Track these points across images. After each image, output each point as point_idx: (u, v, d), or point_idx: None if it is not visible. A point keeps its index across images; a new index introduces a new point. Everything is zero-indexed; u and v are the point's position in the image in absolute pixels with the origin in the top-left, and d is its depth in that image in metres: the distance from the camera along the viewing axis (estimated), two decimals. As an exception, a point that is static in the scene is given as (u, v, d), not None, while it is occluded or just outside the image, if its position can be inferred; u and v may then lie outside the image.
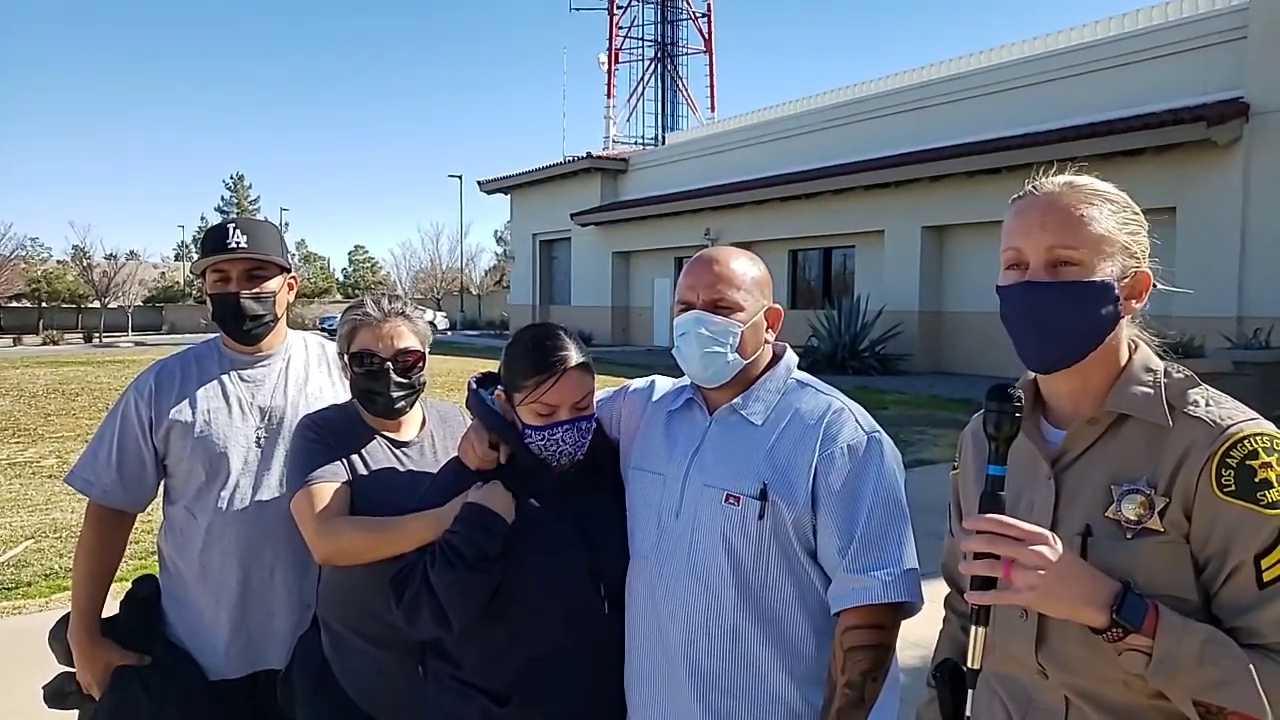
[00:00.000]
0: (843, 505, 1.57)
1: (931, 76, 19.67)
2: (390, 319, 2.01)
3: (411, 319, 2.05)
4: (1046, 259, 1.25)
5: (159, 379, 2.20)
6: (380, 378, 1.98)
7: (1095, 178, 1.31)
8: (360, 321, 2.01)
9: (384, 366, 1.98)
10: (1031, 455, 1.33)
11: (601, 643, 1.74)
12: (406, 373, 2.01)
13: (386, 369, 1.98)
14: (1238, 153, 13.55)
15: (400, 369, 1.99)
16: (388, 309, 2.03)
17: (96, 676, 2.11)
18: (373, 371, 1.98)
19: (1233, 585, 1.16)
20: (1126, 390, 1.27)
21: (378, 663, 1.95)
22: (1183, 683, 1.12)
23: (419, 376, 2.05)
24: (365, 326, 2.00)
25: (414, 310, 2.08)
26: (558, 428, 1.73)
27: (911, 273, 18.61)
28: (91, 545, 2.18)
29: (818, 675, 1.60)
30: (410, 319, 2.04)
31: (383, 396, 1.99)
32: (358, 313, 2.03)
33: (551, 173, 29.94)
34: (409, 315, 2.05)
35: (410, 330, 2.03)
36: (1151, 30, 15.31)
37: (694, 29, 50.56)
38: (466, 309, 45.88)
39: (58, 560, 5.74)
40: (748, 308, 1.67)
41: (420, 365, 2.05)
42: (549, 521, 1.76)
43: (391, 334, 2.00)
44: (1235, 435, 1.17)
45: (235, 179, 68.66)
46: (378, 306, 2.02)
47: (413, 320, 2.05)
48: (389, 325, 2.00)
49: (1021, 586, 1.15)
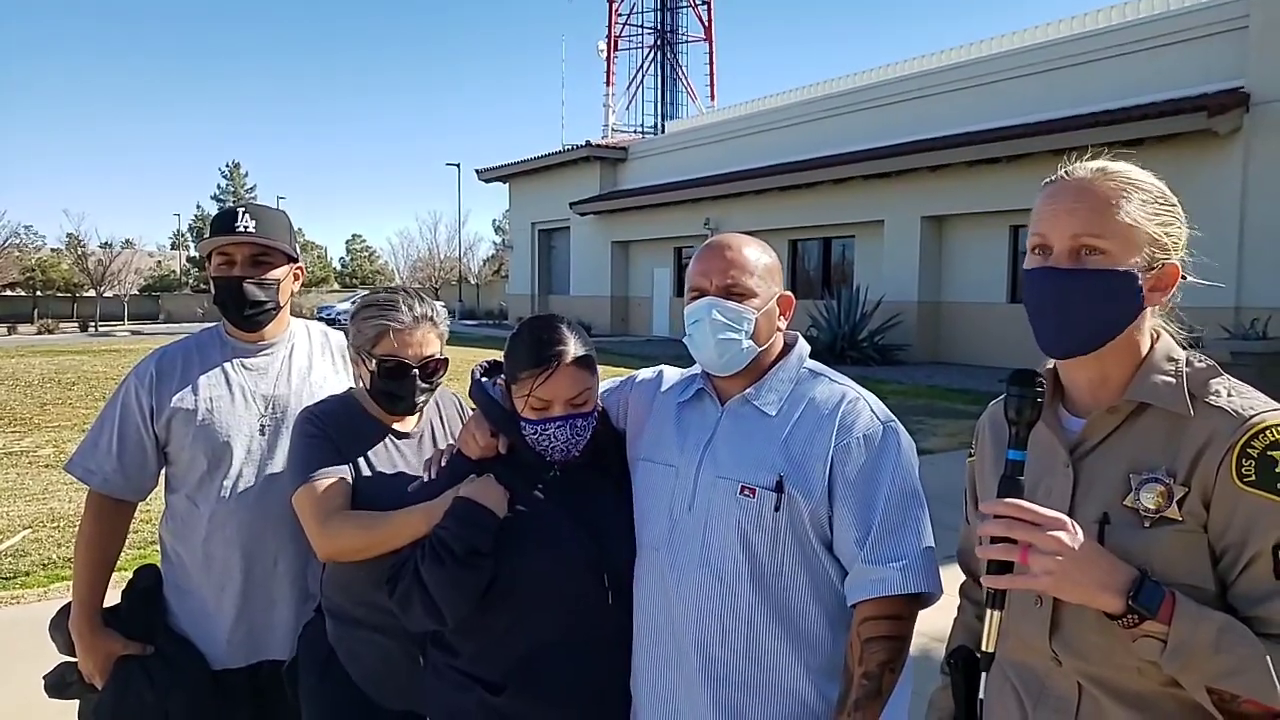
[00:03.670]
0: (860, 496, 1.56)
1: (931, 66, 19.59)
2: (420, 325, 1.98)
3: (437, 324, 2.02)
4: (1071, 246, 1.24)
5: (160, 366, 2.18)
6: (406, 384, 1.96)
7: (1132, 164, 1.30)
8: (390, 325, 1.96)
9: (411, 374, 1.96)
10: (1050, 443, 1.32)
11: (603, 634, 1.73)
12: (430, 377, 2.00)
13: (413, 375, 1.96)
14: (1238, 143, 13.53)
15: (425, 375, 1.98)
16: (419, 314, 1.98)
17: (98, 666, 2.11)
18: (398, 377, 1.95)
19: (1250, 574, 1.15)
20: (1148, 379, 1.26)
21: (383, 650, 1.94)
22: (1197, 670, 1.12)
23: (439, 379, 2.04)
24: (395, 332, 1.96)
25: (437, 312, 2.05)
26: (550, 423, 1.71)
27: (910, 263, 18.58)
28: (92, 534, 2.17)
29: (833, 668, 1.59)
30: (436, 324, 2.02)
31: (405, 401, 1.98)
32: (387, 315, 1.96)
33: (550, 161, 29.82)
34: (435, 320, 2.02)
35: (436, 336, 2.01)
36: (1152, 20, 15.25)
37: (694, 17, 50.41)
38: (464, 298, 45.78)
39: (55, 550, 5.73)
40: (761, 294, 1.65)
41: (443, 370, 2.03)
42: (549, 513, 1.74)
43: (421, 341, 1.97)
44: (1257, 425, 1.17)
45: (232, 167, 68.15)
46: (410, 311, 1.97)
47: (438, 325, 2.02)
48: (420, 332, 1.97)
49: (1038, 571, 1.14)
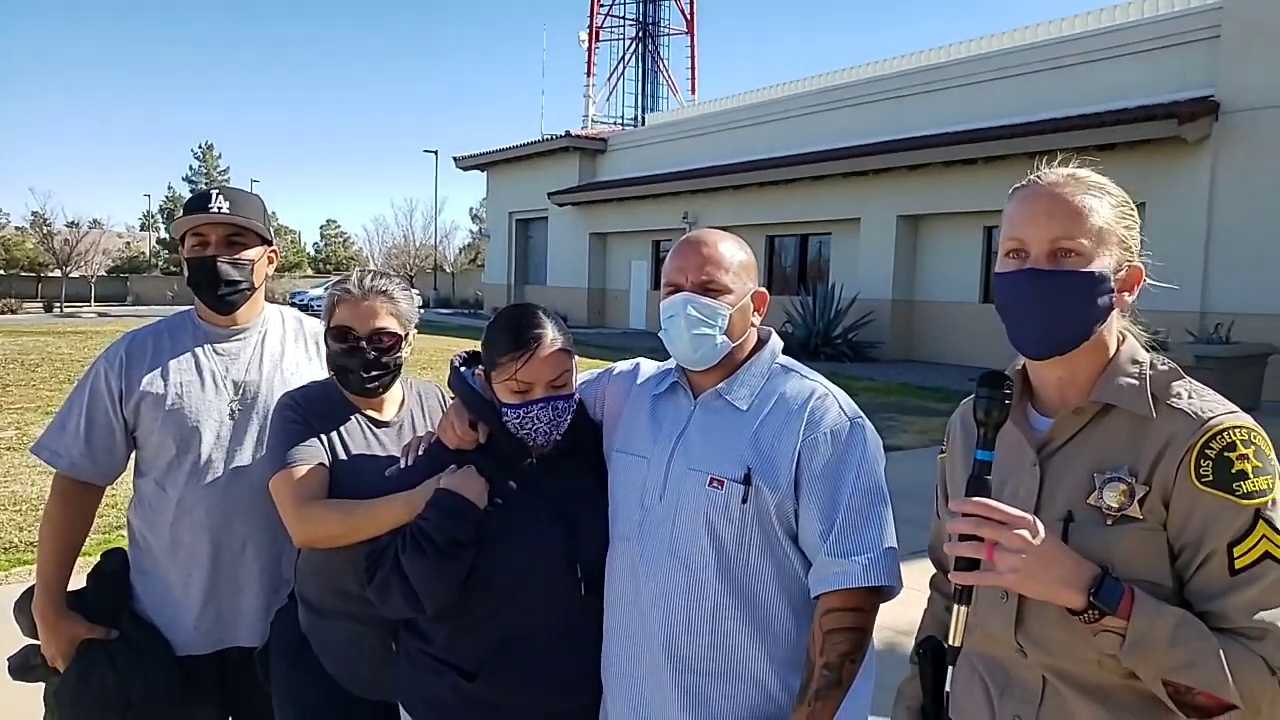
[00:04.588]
0: (825, 490, 1.58)
1: (910, 66, 19.73)
2: (370, 297, 1.97)
3: (394, 299, 2.00)
4: (1049, 248, 1.27)
5: (130, 350, 2.16)
6: (354, 355, 1.95)
7: (1095, 171, 1.34)
8: (340, 296, 1.98)
9: (359, 344, 1.95)
10: (1018, 442, 1.35)
11: (576, 623, 1.75)
12: (381, 354, 1.97)
13: (361, 347, 1.95)
14: (1206, 150, 13.76)
15: (376, 349, 1.96)
16: (369, 286, 1.98)
17: (61, 650, 2.08)
18: (347, 348, 1.95)
19: (1206, 571, 1.19)
20: (1113, 381, 1.29)
21: (355, 638, 1.94)
22: (1154, 663, 1.16)
23: (396, 358, 2.01)
24: (344, 302, 1.98)
25: (401, 290, 2.03)
26: (533, 405, 1.72)
27: (885, 261, 18.74)
28: (57, 518, 2.15)
29: (796, 658, 1.62)
30: (392, 299, 2.00)
31: (354, 375, 1.96)
32: (340, 287, 2.00)
33: (529, 150, 29.65)
34: (392, 295, 2.00)
35: (390, 311, 1.99)
36: (1127, 27, 15.46)
37: (675, 9, 50.34)
38: (440, 287, 45.50)
39: (17, 534, 5.64)
40: (735, 290, 1.67)
41: (397, 348, 2.00)
42: (526, 503, 1.75)
43: (370, 313, 1.96)
44: (1215, 427, 1.20)
45: (204, 148, 67.16)
46: (359, 284, 1.99)
47: (395, 300, 2.00)
48: (367, 304, 1.97)
49: (1003, 568, 1.17)
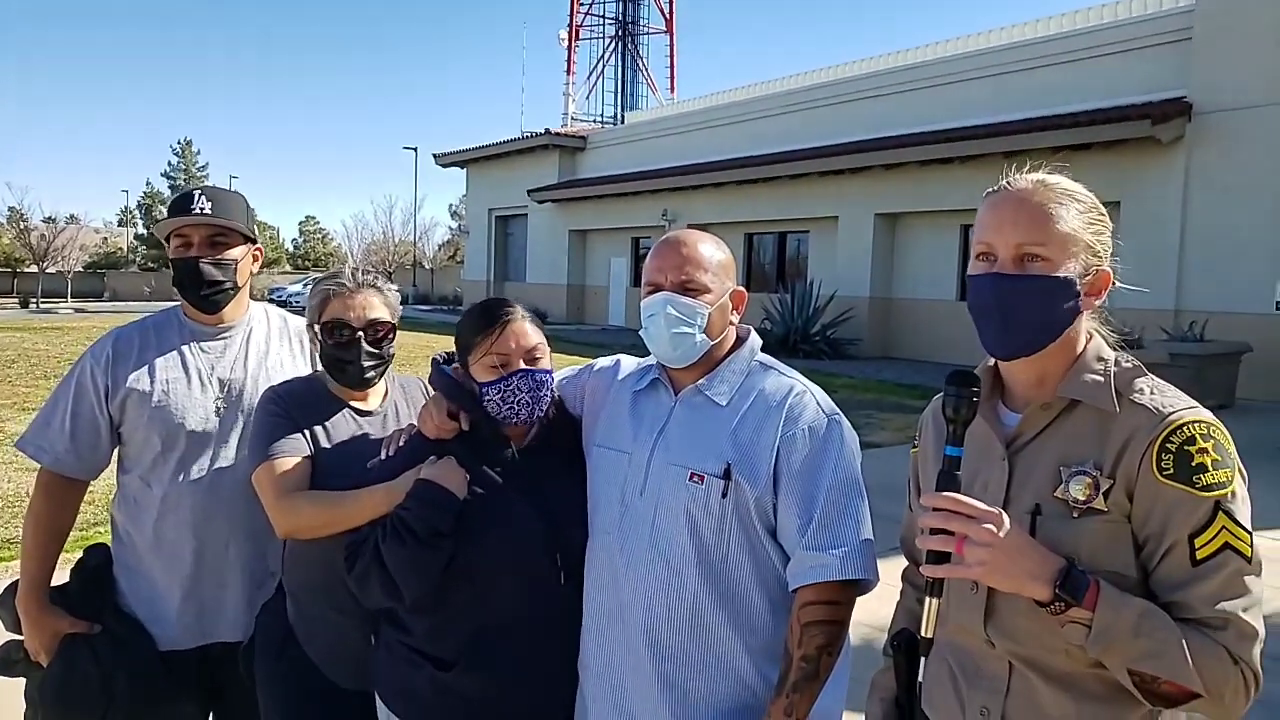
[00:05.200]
0: (803, 485, 1.62)
1: (886, 66, 19.85)
2: (362, 290, 2.04)
3: (383, 291, 2.08)
4: (1015, 253, 1.31)
5: (116, 346, 2.16)
6: (351, 347, 2.00)
7: (1066, 177, 1.37)
8: (333, 291, 2.03)
9: (355, 336, 2.00)
10: (988, 437, 1.39)
11: (554, 614, 1.77)
12: (378, 344, 2.03)
13: (358, 339, 2.00)
14: (1180, 151, 13.94)
15: (371, 339, 2.02)
16: (360, 280, 2.06)
17: (44, 644, 2.09)
18: (344, 341, 2.00)
19: (1168, 562, 1.23)
20: (1079, 378, 1.33)
21: (340, 629, 1.96)
22: (1119, 653, 1.19)
23: (389, 348, 2.08)
24: (338, 297, 2.03)
25: (385, 284, 2.11)
26: (511, 378, 1.76)
27: (863, 259, 18.84)
28: (41, 513, 2.15)
29: (773, 650, 1.65)
30: (382, 291, 2.08)
31: (354, 366, 2.01)
32: (331, 283, 2.05)
33: (509, 148, 29.55)
34: (380, 288, 2.08)
35: (382, 302, 2.06)
36: (1101, 29, 15.64)
37: (655, 9, 50.34)
38: (419, 283, 45.25)
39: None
40: (714, 290, 1.70)
41: (391, 337, 2.08)
42: (505, 493, 1.78)
43: (364, 304, 2.03)
44: (1175, 422, 1.25)
45: (183, 144, 66.32)
46: (351, 278, 2.05)
47: (384, 293, 2.08)
48: (361, 296, 2.03)
49: (972, 562, 1.21)
